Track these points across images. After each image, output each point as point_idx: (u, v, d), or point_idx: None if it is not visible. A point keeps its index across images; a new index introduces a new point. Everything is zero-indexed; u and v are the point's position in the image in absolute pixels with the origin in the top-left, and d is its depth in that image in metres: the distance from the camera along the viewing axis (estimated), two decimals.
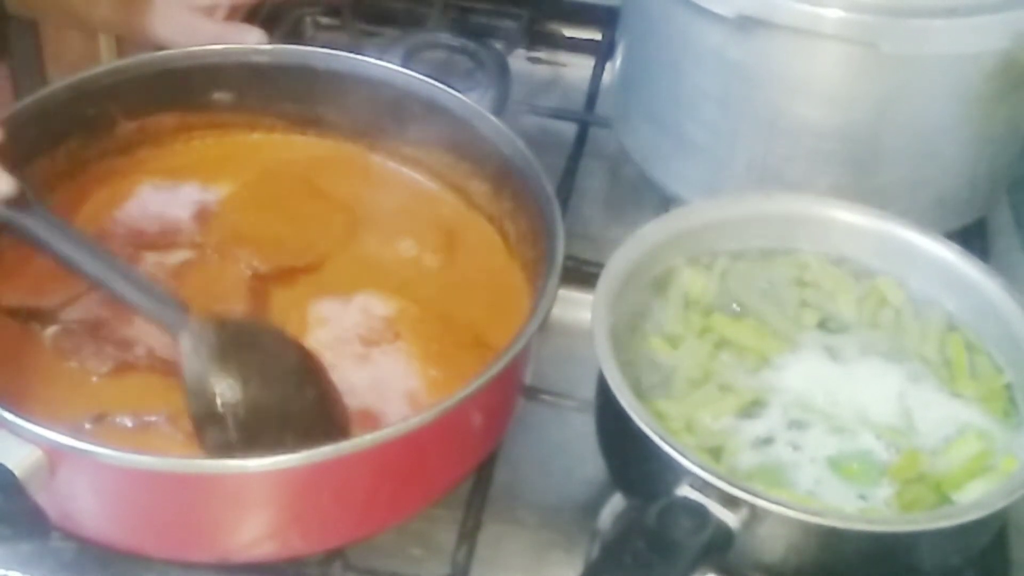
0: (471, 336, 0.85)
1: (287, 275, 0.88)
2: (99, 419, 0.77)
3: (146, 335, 0.82)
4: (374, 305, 0.86)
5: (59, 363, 0.81)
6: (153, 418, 0.78)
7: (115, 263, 0.80)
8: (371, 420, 0.79)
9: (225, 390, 0.77)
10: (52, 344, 0.82)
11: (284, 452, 0.70)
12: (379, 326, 0.85)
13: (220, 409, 0.76)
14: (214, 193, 0.94)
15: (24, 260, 0.86)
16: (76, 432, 0.74)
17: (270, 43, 1.01)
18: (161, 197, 0.93)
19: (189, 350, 0.77)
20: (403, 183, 0.97)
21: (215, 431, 0.76)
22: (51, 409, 0.76)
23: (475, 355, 0.82)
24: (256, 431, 0.77)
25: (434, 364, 0.83)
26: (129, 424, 0.78)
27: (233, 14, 1.07)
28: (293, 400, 0.78)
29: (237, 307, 0.84)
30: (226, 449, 0.76)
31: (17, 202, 0.78)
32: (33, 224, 0.79)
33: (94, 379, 0.81)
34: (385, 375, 0.82)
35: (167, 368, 0.81)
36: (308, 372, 0.80)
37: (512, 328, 0.78)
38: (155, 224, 0.91)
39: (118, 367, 0.81)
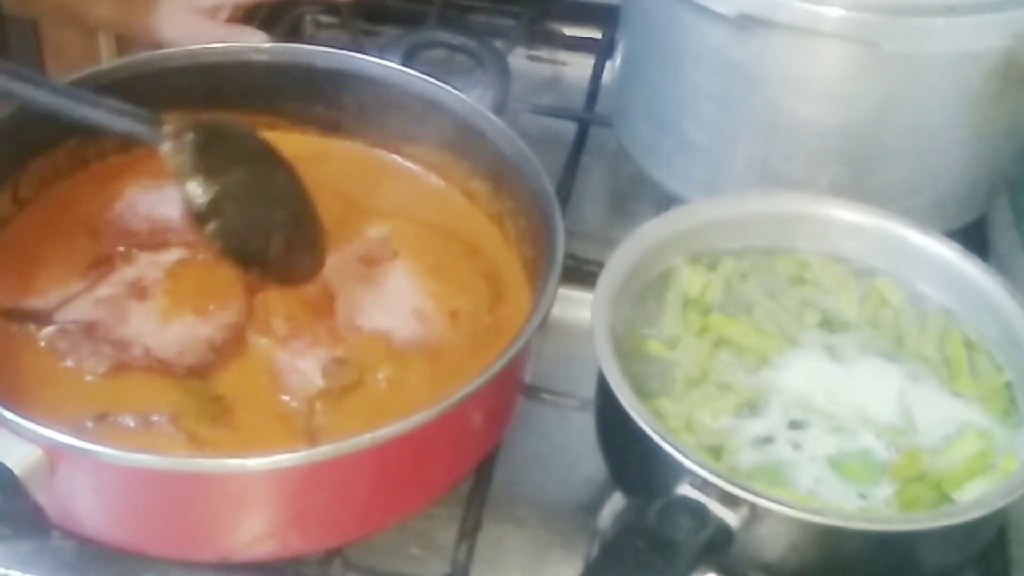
0: (465, 245, 0.89)
1: None
2: (101, 418, 0.77)
3: (143, 335, 0.82)
4: (369, 229, 0.89)
5: (56, 364, 0.81)
6: (156, 418, 0.78)
7: (82, 94, 0.81)
8: (383, 339, 0.83)
9: (214, 179, 0.80)
10: (48, 345, 0.82)
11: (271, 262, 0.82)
12: (376, 246, 0.88)
13: (214, 195, 0.80)
14: None
15: (19, 261, 0.86)
16: (78, 431, 0.74)
17: (270, 42, 1.01)
18: (151, 196, 0.92)
19: (172, 152, 0.80)
20: (403, 177, 0.97)
21: (215, 222, 0.80)
22: (51, 409, 0.76)
23: (470, 265, 0.87)
24: (249, 215, 0.82)
25: (434, 278, 0.86)
26: (131, 424, 0.77)
27: (233, 14, 1.07)
28: (272, 184, 0.84)
29: (234, 303, 0.84)
30: (229, 238, 0.81)
31: None
32: None
33: (89, 378, 0.80)
34: (389, 293, 0.86)
35: (164, 368, 0.81)
36: (277, 161, 0.85)
37: (508, 303, 0.82)
38: (145, 223, 0.90)
39: (115, 367, 0.81)
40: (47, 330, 0.83)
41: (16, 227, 0.90)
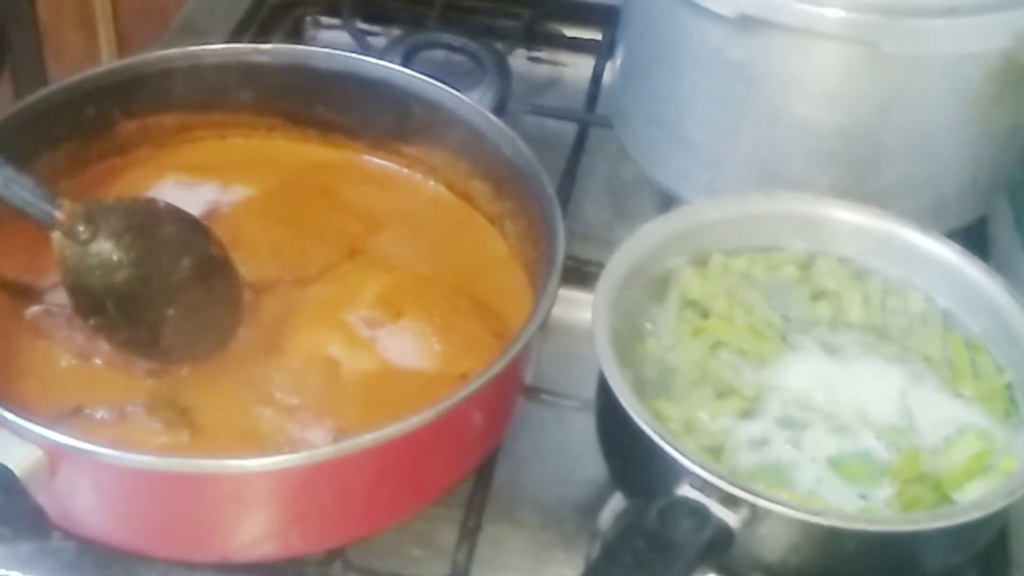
0: (472, 301, 0.86)
1: (282, 287, 0.87)
2: (76, 412, 0.77)
3: None
4: (368, 284, 0.86)
5: (35, 344, 0.81)
6: (130, 409, 0.77)
7: None
8: (390, 407, 0.78)
9: (102, 273, 0.78)
10: (32, 322, 0.82)
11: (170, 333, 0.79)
12: (380, 306, 0.85)
13: (100, 294, 0.78)
14: (231, 196, 0.93)
15: (30, 237, 0.86)
16: (55, 425, 0.74)
17: (270, 42, 1.01)
18: (179, 194, 0.91)
19: (61, 242, 0.77)
20: (414, 189, 0.97)
21: (100, 319, 0.78)
22: (31, 400, 0.77)
23: (478, 321, 0.84)
24: (140, 309, 0.79)
25: (441, 338, 0.84)
26: (107, 416, 0.77)
27: None
28: (172, 272, 0.80)
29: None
30: (115, 331, 0.79)
31: None
32: None
33: (63, 364, 0.80)
34: (396, 358, 0.83)
35: (127, 364, 0.80)
36: (187, 241, 0.81)
37: (509, 310, 0.79)
38: None
39: (81, 355, 0.81)
40: (34, 308, 0.83)
41: None
